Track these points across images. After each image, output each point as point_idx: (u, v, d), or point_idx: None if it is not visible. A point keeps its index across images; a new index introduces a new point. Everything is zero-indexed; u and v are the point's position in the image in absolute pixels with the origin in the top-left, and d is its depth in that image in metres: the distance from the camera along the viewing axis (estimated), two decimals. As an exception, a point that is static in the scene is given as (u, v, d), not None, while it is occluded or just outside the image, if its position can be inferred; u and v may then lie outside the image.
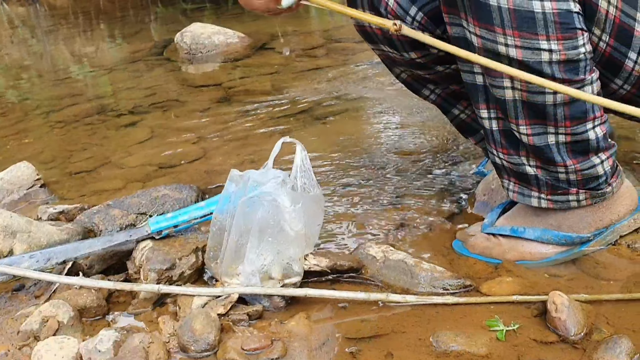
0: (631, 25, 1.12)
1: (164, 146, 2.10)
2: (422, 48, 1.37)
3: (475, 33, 1.12)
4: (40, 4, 6.06)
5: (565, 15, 1.07)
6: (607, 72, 1.19)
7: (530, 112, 1.15)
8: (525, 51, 1.09)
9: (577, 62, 1.10)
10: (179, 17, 4.72)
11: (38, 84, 3.14)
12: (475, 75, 1.20)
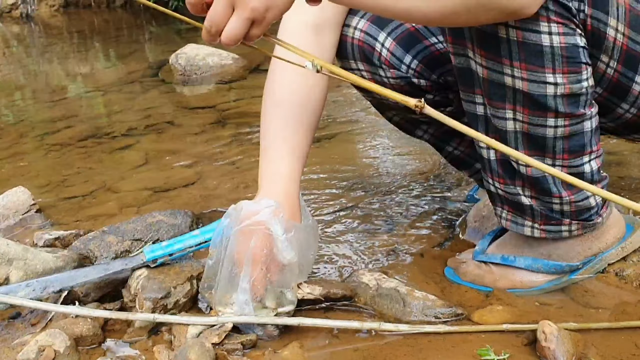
0: (638, 51, 1.14)
1: (158, 170, 2.12)
2: (418, 94, 1.39)
3: (481, 64, 1.13)
4: (34, 23, 6.09)
5: (572, 49, 1.09)
6: (614, 97, 1.20)
7: (530, 143, 1.17)
8: (531, 84, 1.10)
9: (579, 96, 1.12)
10: (174, 36, 4.75)
11: (33, 105, 3.16)
12: (476, 106, 1.21)
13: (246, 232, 1.17)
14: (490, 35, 1.09)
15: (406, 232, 1.56)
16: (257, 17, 0.96)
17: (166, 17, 5.44)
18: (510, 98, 1.13)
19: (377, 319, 1.22)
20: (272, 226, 1.17)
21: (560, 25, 1.07)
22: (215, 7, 0.96)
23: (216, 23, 0.97)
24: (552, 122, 1.13)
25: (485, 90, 1.16)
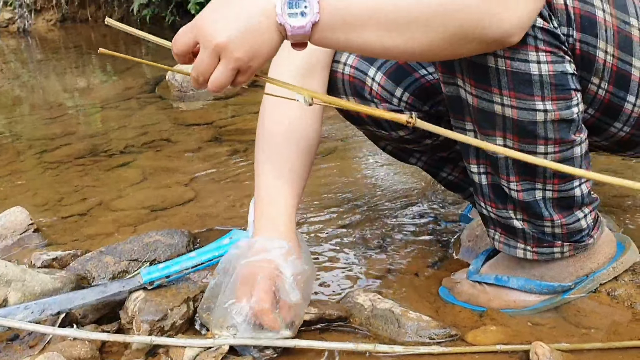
0: (628, 71, 1.15)
1: (155, 188, 2.13)
2: (409, 127, 1.40)
3: (471, 92, 1.15)
4: (31, 37, 6.12)
5: (561, 77, 1.10)
6: (607, 117, 1.21)
7: (521, 169, 1.18)
8: (521, 111, 1.12)
9: (569, 122, 1.14)
10: (170, 52, 4.77)
11: (31, 121, 3.17)
12: (467, 132, 1.22)
13: (254, 266, 1.19)
14: (479, 65, 1.10)
15: (401, 251, 1.58)
16: (242, 66, 1.00)
17: (163, 31, 5.47)
18: (500, 125, 1.15)
19: (372, 340, 1.24)
20: (283, 268, 1.19)
21: (548, 54, 1.08)
22: (202, 57, 1.00)
23: (202, 73, 1.00)
24: (542, 148, 1.14)
25: (475, 118, 1.18)
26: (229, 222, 1.80)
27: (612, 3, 1.11)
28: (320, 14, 0.98)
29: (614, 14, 1.11)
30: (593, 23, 1.10)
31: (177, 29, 1.07)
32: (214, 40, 0.98)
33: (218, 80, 1.00)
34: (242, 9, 0.99)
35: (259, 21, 0.99)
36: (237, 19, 0.98)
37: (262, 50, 1.00)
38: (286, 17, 0.98)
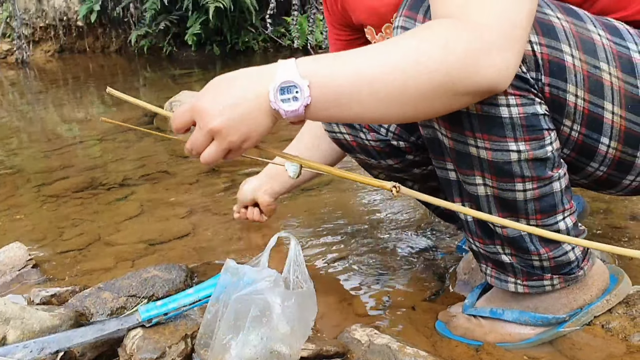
0: (600, 114, 1.18)
1: (153, 222, 2.15)
2: (399, 155, 1.45)
3: (447, 135, 1.18)
4: (30, 68, 6.16)
5: (532, 118, 1.12)
6: (583, 157, 1.24)
7: (503, 206, 1.21)
8: (495, 152, 1.14)
9: (544, 161, 1.16)
10: (168, 82, 4.82)
11: (29, 154, 3.19)
12: (448, 172, 1.26)
13: (246, 300, 1.21)
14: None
15: (398, 284, 1.59)
16: (234, 147, 1.06)
17: (161, 62, 5.53)
18: (477, 166, 1.17)
19: (369, 375, 1.25)
20: (271, 297, 1.20)
21: (517, 97, 1.10)
22: (197, 135, 1.06)
23: (196, 148, 1.07)
24: (521, 186, 1.17)
25: (454, 159, 1.20)
26: (226, 257, 1.81)
27: (581, 49, 1.13)
28: (311, 96, 1.01)
29: (584, 59, 1.13)
30: (562, 68, 1.12)
31: (174, 59, 1.11)
32: (209, 125, 1.03)
33: (210, 157, 1.07)
34: (237, 95, 1.04)
35: (253, 107, 1.04)
36: (231, 105, 1.03)
37: (254, 133, 1.05)
38: (279, 103, 1.02)
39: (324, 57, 1.06)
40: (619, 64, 1.16)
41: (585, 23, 1.16)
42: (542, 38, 1.11)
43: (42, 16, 6.18)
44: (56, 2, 6.08)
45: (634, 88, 1.16)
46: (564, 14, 1.15)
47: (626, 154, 1.21)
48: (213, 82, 1.08)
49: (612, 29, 1.19)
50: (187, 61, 5.43)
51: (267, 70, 1.04)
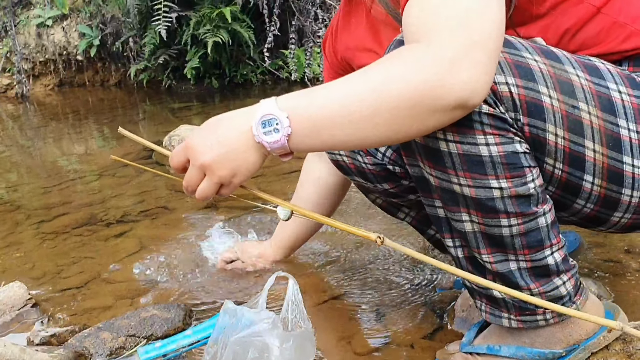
0: (581, 152, 1.20)
1: (152, 259, 2.15)
2: (394, 180, 1.47)
3: (431, 174, 1.22)
4: (29, 102, 6.20)
5: (511, 156, 1.15)
6: (568, 195, 1.26)
7: (490, 242, 1.23)
8: (478, 189, 1.17)
9: (528, 197, 1.18)
10: (168, 115, 4.85)
11: (29, 190, 3.21)
12: (436, 209, 1.29)
13: (245, 343, 1.22)
14: (434, 149, 1.17)
15: (396, 322, 1.60)
16: (225, 182, 1.14)
17: (160, 95, 5.57)
18: (462, 203, 1.20)
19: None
20: (269, 339, 1.22)
21: (496, 136, 1.13)
22: (190, 172, 1.15)
23: (190, 185, 1.16)
24: (506, 222, 1.19)
25: (440, 197, 1.24)
26: (224, 296, 1.82)
27: (559, 89, 1.16)
28: (292, 127, 1.08)
29: (561, 99, 1.16)
30: (540, 108, 1.15)
31: (173, 92, 1.16)
32: (200, 160, 1.12)
33: (203, 192, 1.15)
34: (224, 132, 1.12)
35: (239, 142, 1.11)
36: (219, 142, 1.11)
37: (242, 168, 1.13)
38: (262, 135, 1.09)
39: (301, 91, 1.13)
40: (598, 103, 1.19)
41: (563, 64, 1.19)
42: (519, 80, 1.14)
43: (41, 51, 6.23)
44: (56, 37, 6.14)
45: (614, 126, 1.19)
46: (541, 57, 1.18)
47: (611, 190, 1.23)
48: (205, 123, 1.16)
49: (592, 69, 1.22)
50: (186, 94, 5.47)
51: (251, 108, 1.12)
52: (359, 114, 1.06)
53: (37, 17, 6.14)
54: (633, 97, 1.21)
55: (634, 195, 1.24)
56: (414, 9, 1.09)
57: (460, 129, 1.13)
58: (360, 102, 1.05)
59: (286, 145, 1.10)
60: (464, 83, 1.03)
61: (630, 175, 1.21)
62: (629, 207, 1.25)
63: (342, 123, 1.07)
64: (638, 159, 1.21)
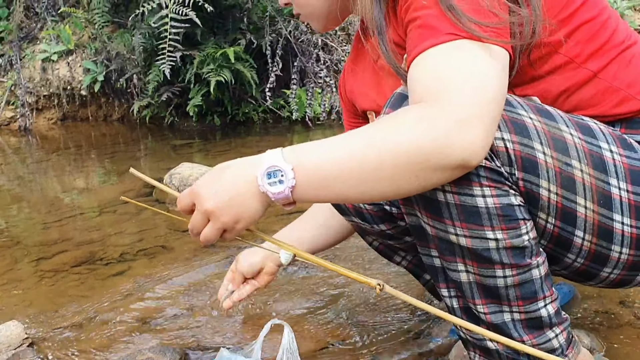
0: (573, 208, 1.23)
1: (149, 299, 2.17)
2: (391, 221, 1.50)
3: (428, 223, 1.25)
4: (32, 135, 6.25)
5: (507, 208, 1.19)
6: (559, 249, 1.29)
7: (485, 292, 1.25)
8: (474, 240, 1.20)
9: (522, 249, 1.21)
10: (169, 152, 4.89)
11: (29, 226, 3.22)
12: (433, 259, 1.31)
13: None
14: (432, 199, 1.20)
15: (390, 370, 1.60)
16: (227, 227, 1.17)
17: (162, 131, 5.61)
18: (458, 253, 1.23)
19: None
20: None
21: (492, 188, 1.17)
22: (195, 216, 1.19)
23: (195, 228, 1.20)
24: (501, 272, 1.22)
25: (437, 246, 1.26)
26: (220, 342, 1.83)
27: (553, 147, 1.20)
28: (296, 179, 1.12)
29: (555, 156, 1.20)
30: (534, 164, 1.19)
31: (176, 129, 1.19)
32: (204, 206, 1.16)
33: (206, 236, 1.19)
34: (229, 180, 1.16)
35: (244, 191, 1.15)
36: (224, 189, 1.15)
37: (245, 215, 1.16)
38: (267, 186, 1.13)
39: (308, 144, 1.17)
40: (591, 162, 1.22)
41: (557, 123, 1.23)
42: (515, 136, 1.18)
43: (46, 85, 6.30)
44: (61, 72, 6.21)
45: (606, 184, 1.22)
46: (537, 115, 1.22)
47: (601, 246, 1.26)
48: (211, 170, 1.20)
49: (585, 128, 1.25)
50: (188, 131, 5.51)
51: (257, 158, 1.16)
52: (363, 170, 1.10)
53: (42, 52, 6.22)
54: (624, 157, 1.25)
55: (622, 252, 1.26)
56: (420, 69, 1.14)
57: (457, 180, 1.16)
58: (365, 158, 1.09)
59: (290, 196, 1.13)
60: (469, 144, 1.07)
61: (620, 232, 1.24)
62: (617, 263, 1.28)
63: (346, 178, 1.11)
64: (627, 217, 1.24)
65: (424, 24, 1.17)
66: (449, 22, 1.13)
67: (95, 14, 5.84)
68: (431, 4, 1.16)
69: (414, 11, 1.19)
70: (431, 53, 1.13)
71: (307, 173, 1.12)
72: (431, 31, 1.15)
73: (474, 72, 1.10)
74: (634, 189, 1.24)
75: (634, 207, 1.24)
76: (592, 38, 1.32)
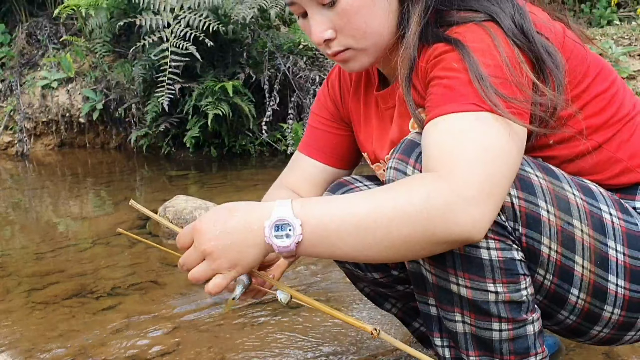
0: (571, 266, 1.27)
1: (138, 335, 2.18)
2: (385, 270, 1.53)
3: (430, 271, 1.27)
4: (29, 161, 6.27)
5: (509, 262, 1.22)
6: (554, 305, 1.32)
7: (480, 344, 1.28)
8: (475, 291, 1.23)
9: (520, 304, 1.24)
10: (165, 182, 4.91)
11: (22, 255, 3.24)
12: (429, 307, 1.34)
13: None
14: None
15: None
16: (222, 271, 1.17)
17: (159, 161, 5.64)
18: (457, 303, 1.25)
19: None
20: None
21: (497, 242, 1.20)
22: (190, 252, 1.18)
23: (187, 264, 1.19)
24: (497, 326, 1.24)
25: (436, 294, 1.29)
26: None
27: (556, 205, 1.23)
28: (303, 235, 1.13)
29: (558, 215, 1.23)
30: (537, 221, 1.22)
31: (172, 159, 1.21)
32: (203, 245, 1.16)
33: (197, 275, 1.19)
34: (234, 224, 1.16)
35: (246, 238, 1.15)
36: (228, 232, 1.15)
37: (243, 262, 1.17)
38: (273, 238, 1.14)
39: (317, 200, 1.19)
40: (591, 223, 1.26)
41: (561, 182, 1.26)
42: (521, 192, 1.21)
43: (45, 111, 6.34)
44: (60, 99, 6.25)
45: (604, 246, 1.26)
46: (542, 173, 1.25)
47: (594, 306, 1.29)
48: (217, 208, 1.20)
49: (586, 190, 1.29)
50: (185, 161, 5.54)
51: (266, 207, 1.16)
52: (371, 235, 1.13)
53: (43, 79, 6.27)
54: (622, 221, 1.28)
55: (614, 313, 1.30)
56: (439, 131, 1.17)
57: None
58: (375, 225, 1.12)
59: (294, 250, 1.15)
60: (476, 222, 1.12)
61: (614, 293, 1.27)
62: (608, 323, 1.31)
63: (353, 240, 1.14)
64: (622, 279, 1.27)
65: (450, 85, 1.19)
66: (475, 91, 1.16)
67: (97, 43, 5.90)
68: (461, 68, 1.19)
69: (443, 70, 1.22)
70: (453, 117, 1.16)
71: (314, 231, 1.14)
72: (456, 95, 1.17)
73: (490, 147, 1.13)
74: (630, 252, 1.27)
75: (629, 270, 1.27)
76: (601, 111, 1.35)
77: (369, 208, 1.13)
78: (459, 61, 1.19)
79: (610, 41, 4.76)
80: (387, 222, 1.11)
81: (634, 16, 5.41)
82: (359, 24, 1.31)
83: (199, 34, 4.83)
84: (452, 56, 1.21)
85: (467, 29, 1.24)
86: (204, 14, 4.89)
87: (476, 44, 1.21)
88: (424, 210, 1.09)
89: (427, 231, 1.10)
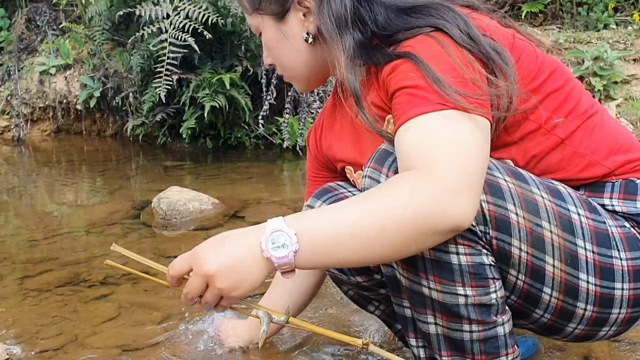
0: (542, 266, 1.32)
1: (129, 325, 2.22)
2: (368, 274, 1.57)
3: (404, 275, 1.32)
4: (25, 146, 6.30)
5: (478, 267, 1.27)
6: (528, 304, 1.37)
7: (451, 345, 1.33)
8: (445, 295, 1.28)
9: (489, 306, 1.29)
10: (160, 172, 4.94)
11: (16, 242, 3.27)
12: (404, 309, 1.40)
13: None
14: None
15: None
16: (224, 293, 1.22)
17: (154, 150, 5.67)
18: (429, 305, 1.30)
19: None
20: None
21: (466, 247, 1.25)
22: (193, 280, 1.23)
23: (191, 293, 1.24)
24: (467, 327, 1.30)
25: (409, 297, 1.34)
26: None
27: (525, 208, 1.29)
28: (299, 243, 1.18)
29: (527, 217, 1.28)
30: (507, 224, 1.27)
31: (168, 149, 1.25)
32: (204, 268, 1.20)
33: (207, 301, 1.24)
34: (233, 246, 1.21)
35: (246, 257, 1.20)
36: (227, 254, 1.20)
37: (245, 282, 1.21)
38: (271, 250, 1.19)
39: (308, 211, 1.25)
40: (560, 223, 1.31)
41: (530, 186, 1.32)
42: (490, 197, 1.26)
43: (42, 97, 6.36)
44: (57, 85, 6.27)
45: (573, 245, 1.31)
46: (511, 177, 1.30)
47: (567, 303, 1.34)
48: (212, 238, 1.24)
49: (555, 191, 1.34)
50: (180, 152, 5.57)
51: (259, 226, 1.22)
52: (365, 235, 1.18)
53: (41, 65, 6.29)
54: (590, 220, 1.33)
55: (587, 309, 1.34)
56: (411, 133, 1.23)
57: None
58: (367, 224, 1.17)
59: (292, 261, 1.19)
60: (462, 210, 1.17)
61: (585, 290, 1.32)
62: (582, 319, 1.36)
63: (349, 242, 1.18)
64: (592, 276, 1.32)
65: (412, 92, 1.26)
66: (436, 93, 1.23)
67: (96, 31, 5.91)
68: (418, 76, 1.26)
69: (402, 81, 1.28)
70: (422, 119, 1.22)
71: (310, 238, 1.19)
72: (420, 100, 1.24)
73: (461, 141, 1.20)
74: (599, 250, 1.32)
75: (599, 267, 1.32)
76: (560, 106, 1.41)
77: (360, 211, 1.19)
78: (415, 70, 1.27)
79: (606, 45, 4.80)
80: (379, 221, 1.17)
81: (630, 21, 5.45)
82: (276, 57, 1.54)
83: (198, 26, 4.85)
84: (407, 67, 1.29)
85: (417, 40, 1.33)
86: (204, 6, 4.92)
87: (428, 52, 1.29)
88: (411, 204, 1.16)
89: (416, 223, 1.16)
